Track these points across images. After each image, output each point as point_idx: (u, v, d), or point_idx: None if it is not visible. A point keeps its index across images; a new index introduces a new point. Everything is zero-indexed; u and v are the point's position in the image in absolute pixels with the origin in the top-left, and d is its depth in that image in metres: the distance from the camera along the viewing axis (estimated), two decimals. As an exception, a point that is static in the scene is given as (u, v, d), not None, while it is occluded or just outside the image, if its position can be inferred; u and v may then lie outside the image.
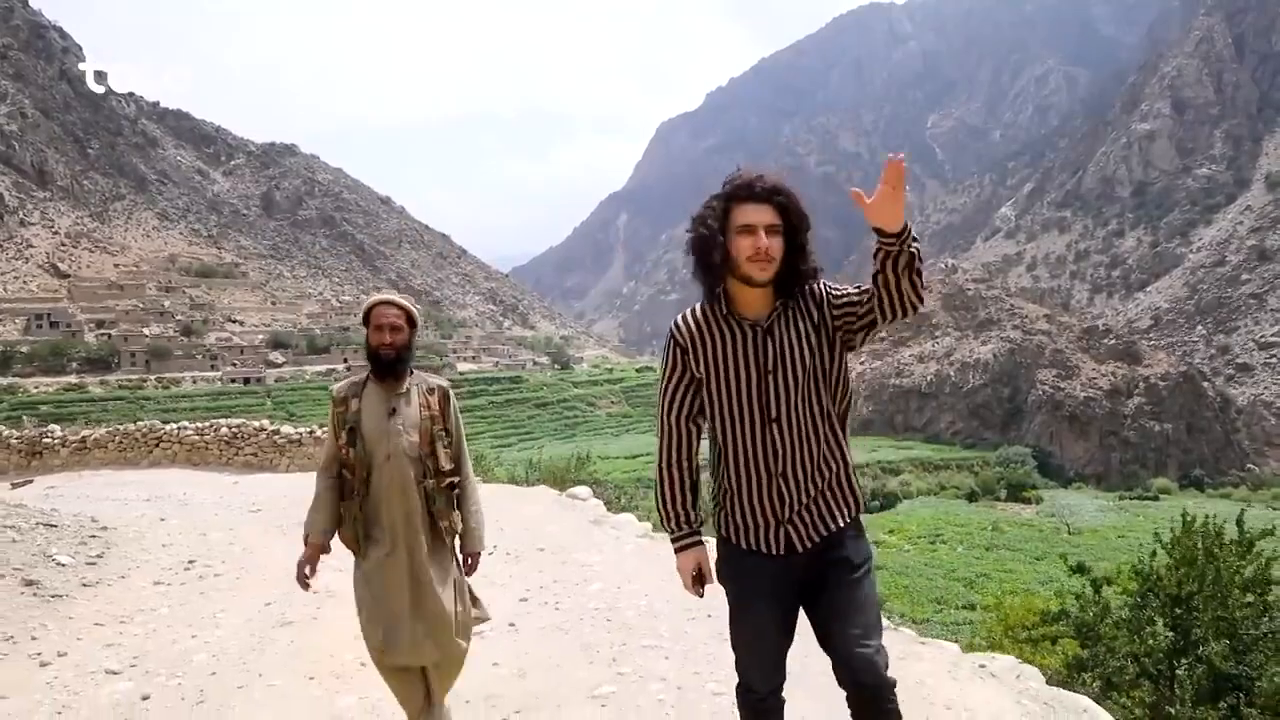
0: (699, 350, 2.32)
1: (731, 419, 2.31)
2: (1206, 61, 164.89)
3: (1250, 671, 5.58)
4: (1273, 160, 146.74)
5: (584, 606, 5.19)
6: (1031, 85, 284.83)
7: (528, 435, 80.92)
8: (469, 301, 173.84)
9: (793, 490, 2.30)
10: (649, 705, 3.72)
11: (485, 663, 4.17)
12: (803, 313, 2.30)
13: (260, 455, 14.36)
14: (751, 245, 2.19)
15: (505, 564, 6.33)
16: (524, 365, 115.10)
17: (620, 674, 4.08)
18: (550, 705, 3.74)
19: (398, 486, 3.08)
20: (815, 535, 2.32)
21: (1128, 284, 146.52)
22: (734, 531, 2.38)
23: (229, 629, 4.82)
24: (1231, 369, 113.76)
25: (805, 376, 2.28)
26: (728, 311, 2.31)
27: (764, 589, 2.34)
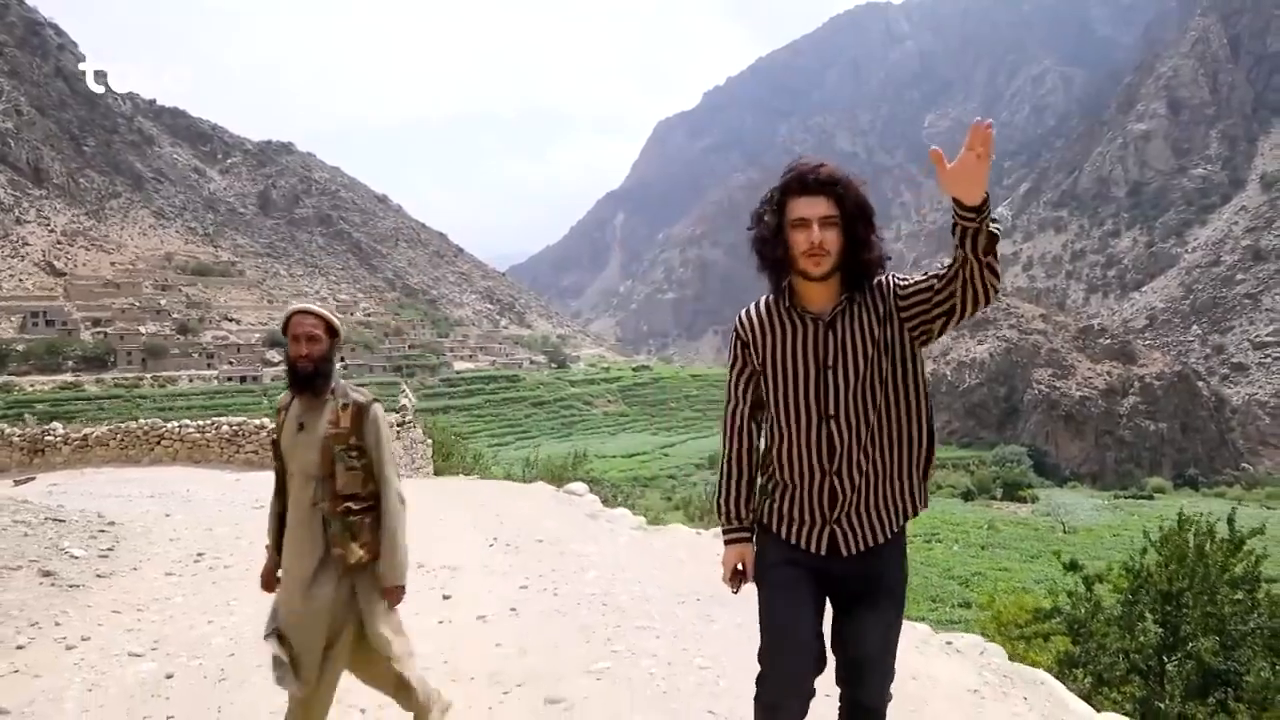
0: (760, 343, 2.31)
1: (788, 413, 2.26)
2: (1202, 62, 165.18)
3: (1238, 667, 5.68)
4: (1268, 160, 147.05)
5: (581, 593, 5.40)
6: (1028, 85, 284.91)
7: (524, 434, 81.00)
8: (466, 300, 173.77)
9: (845, 489, 2.24)
10: (640, 678, 3.97)
11: (489, 643, 4.42)
12: (869, 306, 2.24)
13: (261, 453, 14.47)
14: (805, 239, 2.16)
15: (505, 555, 6.55)
16: (521, 364, 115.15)
17: (614, 651, 4.32)
18: (550, 679, 3.94)
19: (302, 506, 2.93)
20: (861, 544, 2.27)
21: (1123, 284, 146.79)
22: (777, 522, 2.34)
23: (243, 615, 4.96)
24: (1226, 369, 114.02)
25: (867, 372, 2.22)
26: (790, 305, 2.28)
27: (800, 581, 2.30)
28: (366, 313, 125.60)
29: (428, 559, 6.25)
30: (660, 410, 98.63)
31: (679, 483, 55.42)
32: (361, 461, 2.94)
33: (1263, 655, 5.65)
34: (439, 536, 7.24)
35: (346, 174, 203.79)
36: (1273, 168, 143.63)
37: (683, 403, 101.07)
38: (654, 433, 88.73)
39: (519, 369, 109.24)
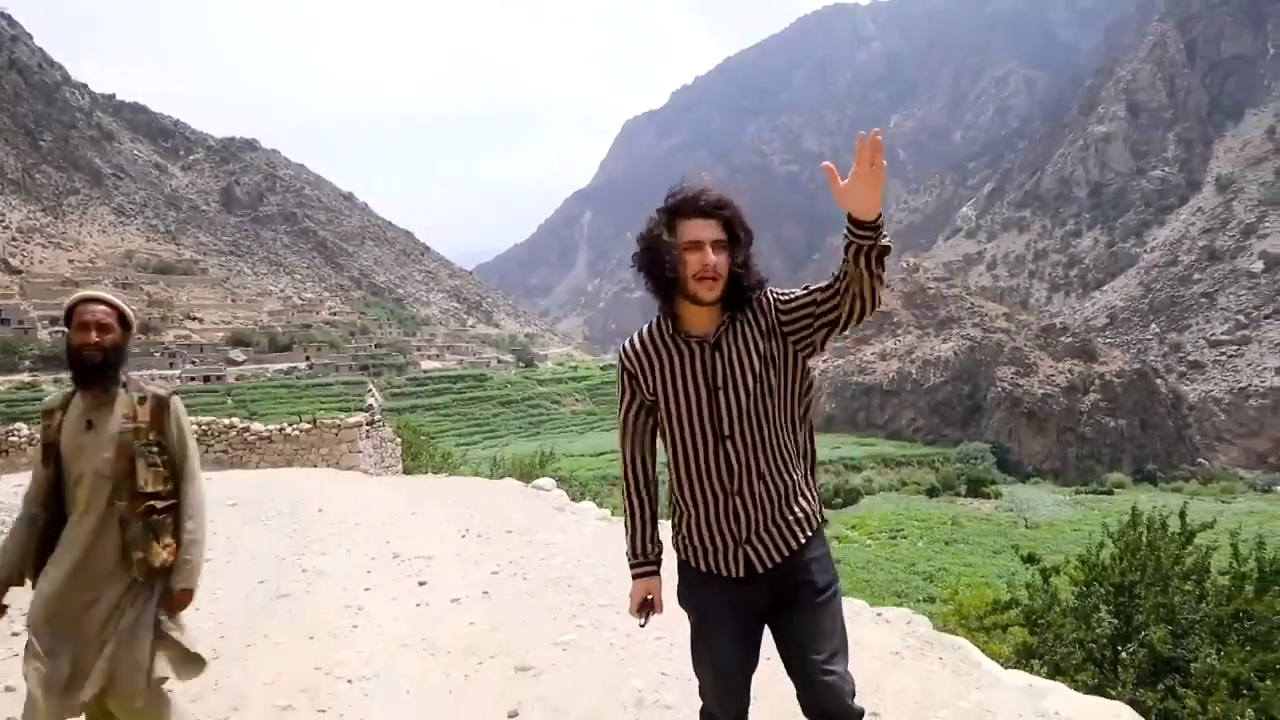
0: (648, 373, 2.27)
1: (684, 439, 2.24)
2: (1160, 66, 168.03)
3: (1187, 654, 5.82)
4: (1222, 163, 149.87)
5: (548, 577, 5.70)
6: (992, 87, 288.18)
7: (492, 433, 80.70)
8: (432, 299, 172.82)
9: (750, 508, 2.22)
10: (601, 648, 4.34)
11: (463, 622, 4.72)
12: (751, 323, 2.23)
13: (230, 452, 14.41)
14: (699, 262, 2.13)
15: (477, 544, 6.79)
16: (488, 363, 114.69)
17: (579, 626, 4.68)
18: (520, 651, 4.26)
19: (92, 512, 2.69)
20: (776, 556, 2.24)
21: (1084, 283, 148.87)
22: (692, 554, 2.31)
23: (229, 602, 5.14)
24: (1183, 366, 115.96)
25: (757, 390, 2.21)
26: (674, 331, 2.25)
27: (725, 614, 2.26)
28: (332, 311, 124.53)
29: (403, 549, 6.48)
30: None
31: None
32: (163, 458, 2.79)
33: (1210, 643, 5.80)
34: (413, 529, 7.44)
35: (312, 171, 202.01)
36: (1227, 170, 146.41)
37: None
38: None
39: (486, 368, 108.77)
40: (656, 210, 2.25)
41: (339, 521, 7.89)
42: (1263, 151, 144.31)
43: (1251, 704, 5.15)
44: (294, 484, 11.05)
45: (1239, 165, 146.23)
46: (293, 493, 9.88)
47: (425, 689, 3.79)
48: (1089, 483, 70.64)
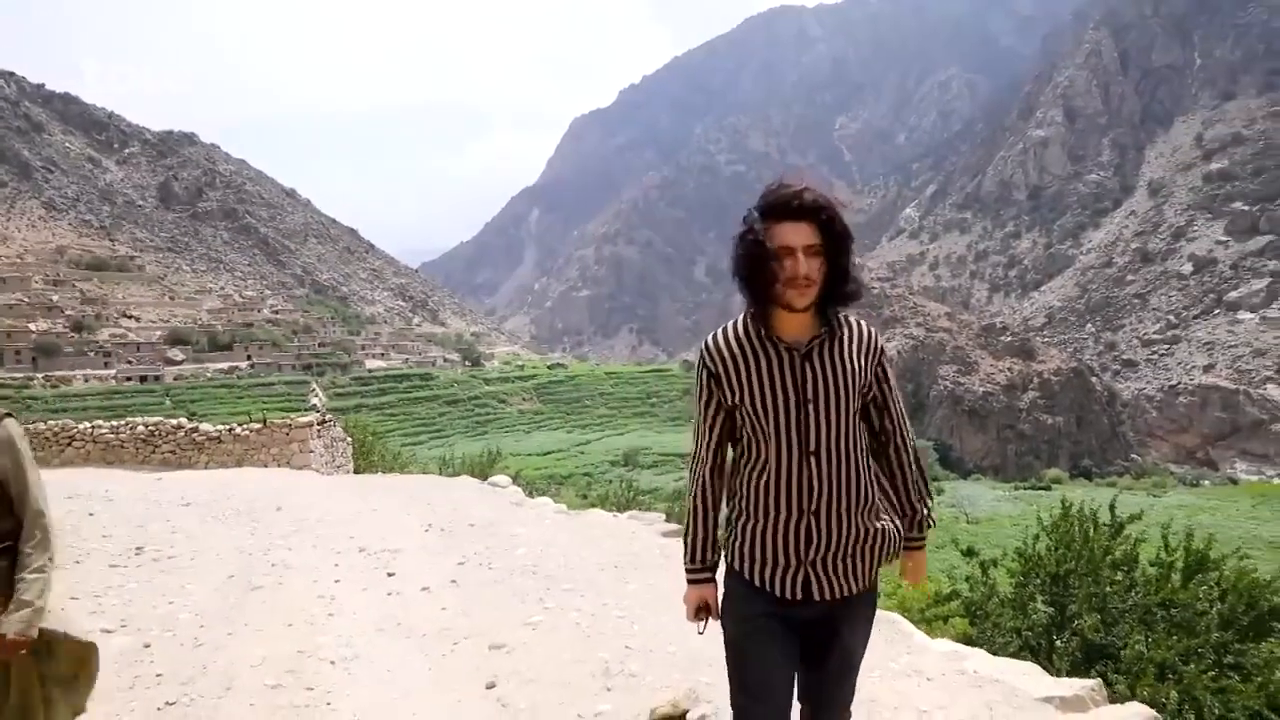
0: (732, 375, 2.15)
1: (765, 448, 2.14)
2: (1095, 73, 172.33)
3: (1118, 641, 6.04)
4: (1154, 168, 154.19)
5: (513, 565, 5.95)
6: (935, 91, 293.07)
7: (439, 433, 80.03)
8: (377, 297, 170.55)
9: (822, 532, 2.13)
10: (567, 626, 4.63)
11: (435, 608, 4.98)
12: (846, 347, 2.17)
13: (179, 453, 14.19)
14: (791, 268, 2.04)
15: (441, 538, 6.98)
16: (434, 362, 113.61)
17: (546, 608, 4.97)
18: (492, 632, 4.51)
19: None
20: (836, 591, 2.16)
21: (1024, 283, 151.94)
22: (748, 566, 2.19)
23: (202, 595, 5.26)
24: (1118, 365, 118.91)
25: (846, 409, 2.13)
26: (766, 334, 2.15)
27: (771, 627, 2.17)
28: (274, 310, 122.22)
29: (368, 544, 6.63)
30: (576, 408, 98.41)
31: (594, 480, 55.52)
32: None
33: (1138, 630, 6.02)
34: (375, 524, 7.55)
35: (253, 166, 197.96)
36: (1158, 175, 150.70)
37: (598, 400, 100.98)
38: (569, 430, 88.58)
39: (432, 367, 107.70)
40: (751, 209, 2.16)
41: (300, 519, 7.92)
42: (1191, 158, 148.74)
43: (1176, 686, 5.39)
44: (248, 483, 11.00)
45: (1169, 171, 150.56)
46: (248, 492, 9.84)
47: (405, 668, 4.05)
48: (1028, 478, 72.26)
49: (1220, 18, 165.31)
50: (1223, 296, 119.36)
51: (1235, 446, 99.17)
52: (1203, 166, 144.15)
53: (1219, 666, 5.67)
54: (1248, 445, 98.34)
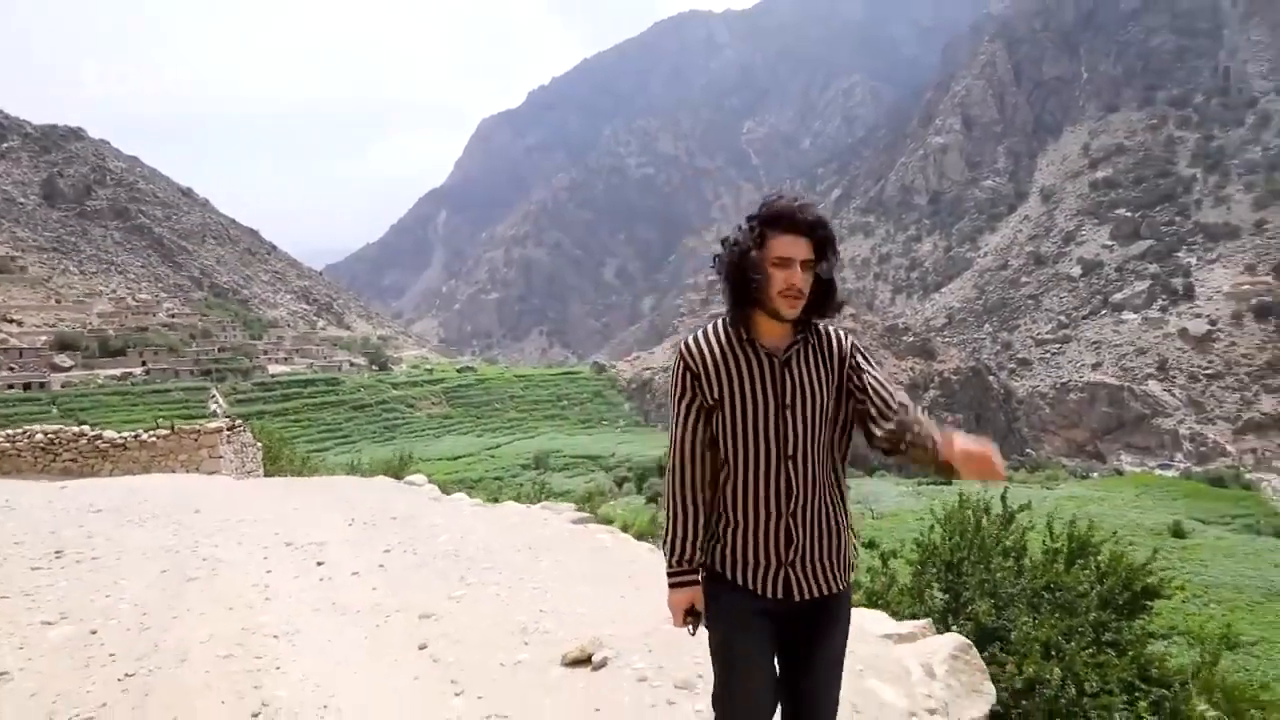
0: (713, 376, 2.21)
1: (745, 451, 2.20)
2: (991, 84, 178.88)
3: (1008, 624, 6.39)
4: (1045, 175, 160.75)
5: (436, 550, 6.36)
6: (839, 97, 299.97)
7: (345, 439, 78.37)
8: (280, 301, 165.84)
9: (800, 532, 2.21)
10: (488, 598, 5.13)
11: (366, 589, 5.37)
12: (822, 354, 2.25)
13: (81, 461, 13.75)
14: (785, 280, 2.12)
15: (364, 530, 7.28)
16: (340, 367, 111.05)
17: (468, 584, 5.45)
18: (420, 606, 4.95)
19: None
20: (815, 591, 2.24)
21: (925, 285, 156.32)
22: (730, 566, 2.26)
23: (138, 589, 5.41)
24: (1013, 364, 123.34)
25: (821, 415, 2.21)
26: (748, 337, 2.22)
27: (756, 624, 2.24)
28: (170, 313, 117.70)
29: (294, 538, 6.86)
30: (486, 412, 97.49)
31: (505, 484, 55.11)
32: None
33: (1026, 613, 6.37)
34: (298, 521, 7.71)
35: (146, 164, 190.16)
36: (1049, 182, 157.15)
37: (508, 404, 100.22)
38: (479, 434, 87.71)
39: (338, 372, 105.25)
40: (748, 218, 2.23)
41: (222, 519, 7.95)
42: (1079, 166, 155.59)
43: (1059, 663, 5.74)
44: (161, 488, 10.83)
45: (1059, 178, 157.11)
46: (162, 496, 9.72)
47: (344, 638, 4.44)
48: (929, 474, 74.41)
49: (1104, 34, 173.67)
50: (1108, 298, 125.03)
51: (1121, 440, 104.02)
52: (1089, 174, 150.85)
53: (1098, 643, 6.06)
54: (1131, 439, 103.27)
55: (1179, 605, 27.63)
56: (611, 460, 70.52)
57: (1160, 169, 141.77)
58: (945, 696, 3.60)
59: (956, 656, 3.92)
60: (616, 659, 3.92)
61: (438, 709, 3.61)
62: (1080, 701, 5.60)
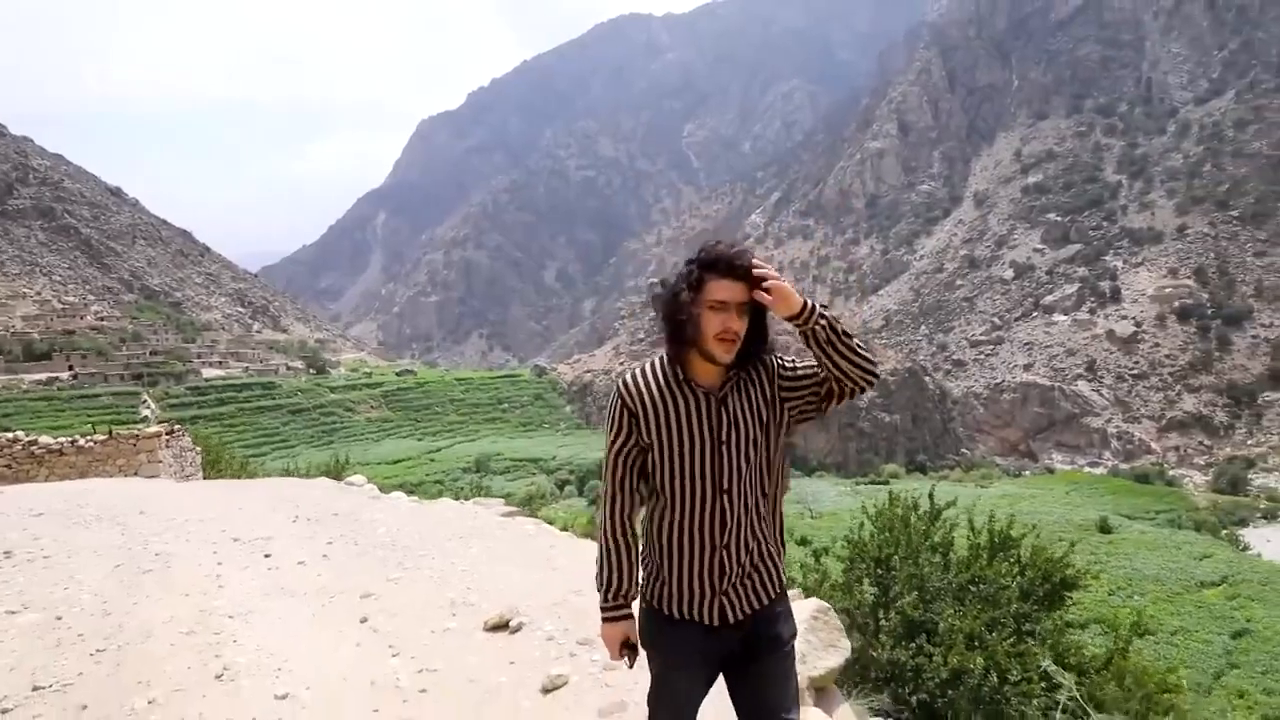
0: (650, 415, 2.27)
1: (681, 488, 2.27)
2: (926, 90, 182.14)
3: (934, 616, 6.63)
4: (979, 180, 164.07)
5: (375, 542, 6.92)
6: (779, 101, 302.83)
7: (283, 443, 77.04)
8: (214, 303, 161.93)
9: (733, 562, 2.28)
10: (422, 580, 5.72)
11: (311, 575, 5.85)
12: (755, 384, 2.31)
13: (15, 467, 13.58)
14: (721, 324, 2.18)
15: (308, 526, 7.70)
16: (276, 370, 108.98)
17: (405, 568, 6.03)
18: (361, 588, 5.49)
19: None
20: (748, 608, 2.32)
21: (863, 288, 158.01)
22: (666, 601, 2.34)
23: (95, 581, 5.78)
24: (949, 365, 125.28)
25: (754, 449, 2.28)
26: (684, 378, 2.28)
27: (694, 661, 2.33)
28: (99, 316, 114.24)
29: (241, 535, 7.26)
30: (426, 415, 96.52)
31: (445, 487, 54.81)
32: None
33: (952, 605, 6.63)
34: (243, 519, 8.06)
35: (71, 163, 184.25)
36: (983, 187, 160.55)
37: (448, 407, 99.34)
38: (419, 438, 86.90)
39: (275, 375, 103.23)
40: (687, 261, 2.29)
41: (168, 520, 8.15)
42: (1011, 171, 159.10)
43: (982, 653, 5.97)
44: (102, 492, 10.92)
45: (992, 183, 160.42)
46: (104, 500, 9.84)
47: (293, 615, 4.96)
48: (867, 474, 75.57)
49: (1034, 43, 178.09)
50: (1040, 300, 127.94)
51: (1052, 439, 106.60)
52: (1021, 180, 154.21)
53: (1018, 633, 6.34)
54: (1062, 437, 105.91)
55: (1104, 597, 28.59)
56: (553, 463, 70.50)
57: (1088, 175, 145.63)
58: (804, 649, 4.17)
59: (816, 617, 4.54)
60: (530, 624, 4.61)
61: (377, 667, 4.20)
62: (1002, 690, 5.84)
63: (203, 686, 4.04)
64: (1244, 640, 25.30)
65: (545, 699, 3.79)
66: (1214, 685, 21.90)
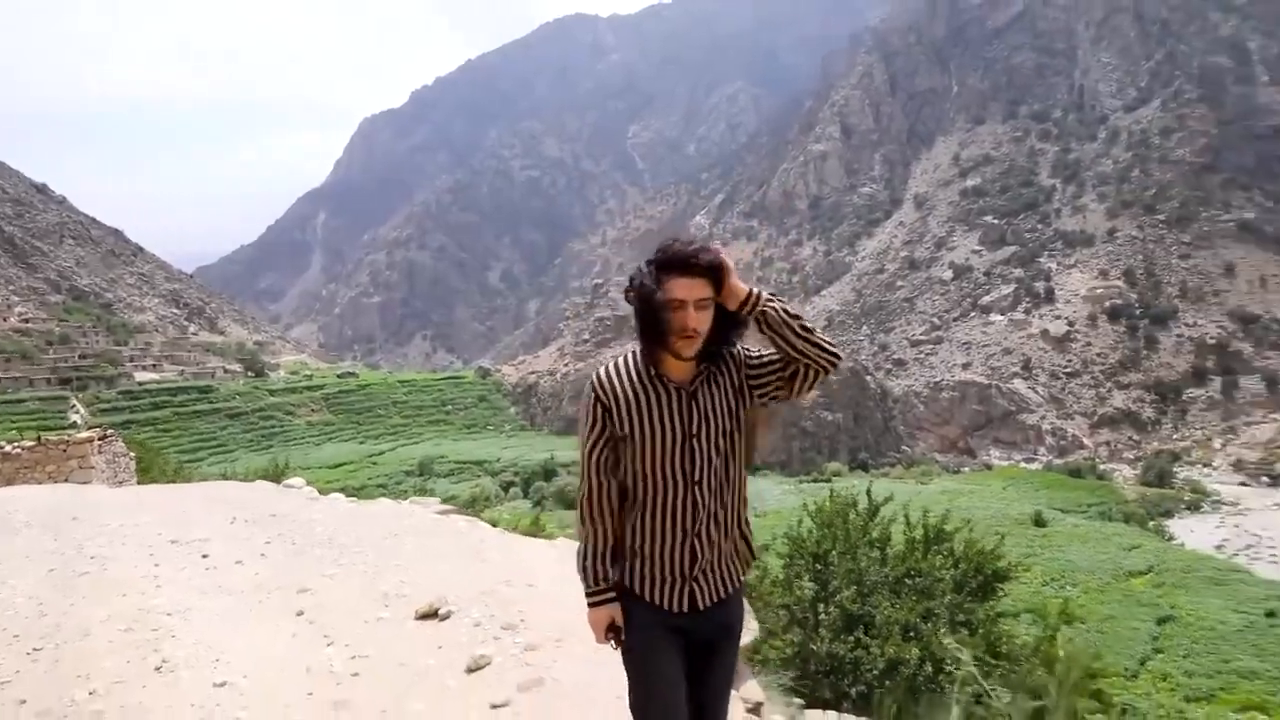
0: (623, 409, 2.34)
1: (653, 479, 2.35)
2: (868, 94, 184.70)
3: (871, 609, 6.78)
4: (919, 183, 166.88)
5: (313, 540, 7.08)
6: (723, 103, 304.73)
7: (220, 447, 75.51)
8: (148, 305, 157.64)
9: (704, 549, 2.38)
10: (357, 575, 5.90)
11: (249, 573, 5.99)
12: (724, 376, 2.38)
13: (-47, 474, 12.94)
14: (680, 320, 2.24)
15: (246, 527, 7.79)
16: (214, 373, 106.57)
17: (340, 565, 6.22)
18: (298, 583, 5.65)
19: None
20: (716, 595, 2.42)
21: (806, 288, 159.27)
22: (640, 584, 2.42)
23: (29, 585, 5.80)
24: (890, 364, 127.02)
25: (723, 440, 2.36)
26: (656, 373, 2.35)
27: (671, 643, 2.40)
28: (24, 318, 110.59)
29: (178, 536, 7.29)
30: (368, 418, 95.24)
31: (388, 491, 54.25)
32: None
33: (888, 599, 6.78)
34: (181, 522, 8.06)
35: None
36: (923, 190, 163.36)
37: (391, 409, 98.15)
38: (361, 441, 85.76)
39: (211, 378, 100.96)
40: (645, 262, 2.34)
41: (101, 524, 8.11)
42: (950, 175, 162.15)
43: (917, 644, 6.13)
44: (33, 498, 10.77)
45: (932, 186, 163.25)
46: (34, 505, 9.75)
47: (231, 612, 5.08)
48: (811, 472, 76.43)
49: (972, 50, 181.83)
50: (977, 301, 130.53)
51: (989, 435, 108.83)
52: (960, 183, 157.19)
53: (952, 624, 6.51)
54: (999, 434, 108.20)
55: (1039, 588, 29.37)
56: (497, 465, 70.14)
57: (1024, 179, 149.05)
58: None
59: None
60: (459, 612, 4.86)
61: (312, 655, 4.37)
62: (937, 679, 5.99)
63: (142, 678, 4.15)
64: (1168, 626, 26.25)
65: (469, 677, 4.07)
66: (1140, 669, 22.68)
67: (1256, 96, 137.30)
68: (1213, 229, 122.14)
